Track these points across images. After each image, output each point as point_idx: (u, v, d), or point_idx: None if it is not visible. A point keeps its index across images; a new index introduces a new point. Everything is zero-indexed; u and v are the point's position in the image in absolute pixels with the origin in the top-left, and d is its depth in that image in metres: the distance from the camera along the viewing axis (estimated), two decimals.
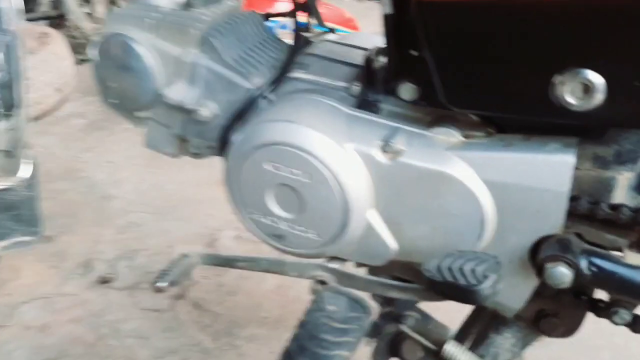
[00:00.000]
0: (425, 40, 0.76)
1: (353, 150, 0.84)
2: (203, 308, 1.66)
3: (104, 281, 1.76)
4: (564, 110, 0.72)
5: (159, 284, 0.91)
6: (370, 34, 1.11)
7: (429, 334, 0.95)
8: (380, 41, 0.99)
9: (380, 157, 0.83)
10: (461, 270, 0.76)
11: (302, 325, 0.78)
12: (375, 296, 1.05)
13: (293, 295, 1.71)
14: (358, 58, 0.99)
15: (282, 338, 1.58)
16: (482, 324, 1.09)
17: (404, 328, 0.94)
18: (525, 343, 1.02)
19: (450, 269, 0.77)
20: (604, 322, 0.86)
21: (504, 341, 1.03)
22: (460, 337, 1.14)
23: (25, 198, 1.23)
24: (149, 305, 1.67)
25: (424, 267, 0.79)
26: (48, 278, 1.78)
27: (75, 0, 3.65)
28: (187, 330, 1.59)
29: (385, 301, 1.01)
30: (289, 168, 0.86)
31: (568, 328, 0.95)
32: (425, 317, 0.95)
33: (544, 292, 0.90)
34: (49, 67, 2.65)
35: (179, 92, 1.00)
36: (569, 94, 0.71)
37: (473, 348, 1.03)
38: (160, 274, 0.96)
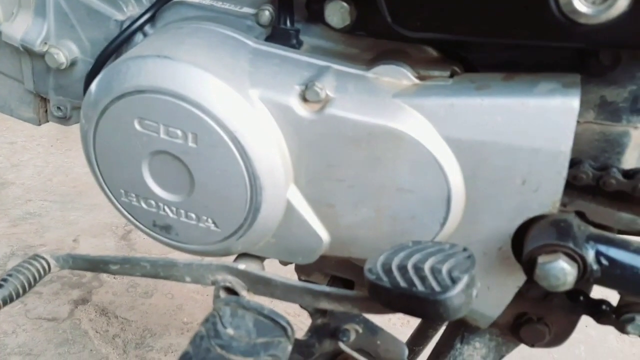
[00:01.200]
0: None
1: (259, 99, 0.57)
2: (110, 314, 1.37)
3: None
4: (567, 25, 0.48)
5: None
6: None
7: (378, 353, 0.70)
8: None
9: (300, 108, 0.57)
10: (417, 270, 0.51)
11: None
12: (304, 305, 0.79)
13: None
14: None
15: None
16: (444, 332, 0.86)
17: (344, 346, 0.68)
18: (499, 354, 0.80)
19: (402, 269, 0.52)
20: None
21: (473, 352, 0.80)
22: (417, 344, 0.90)
23: None
24: (43, 313, 1.37)
25: (366, 266, 0.53)
26: None
27: None
28: (88, 343, 1.29)
29: (317, 311, 0.75)
30: (165, 127, 0.58)
31: (556, 336, 0.73)
32: (372, 329, 0.71)
33: (527, 292, 0.66)
34: None
35: (21, 28, 0.72)
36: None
37: None
38: None
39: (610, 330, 0.67)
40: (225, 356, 0.52)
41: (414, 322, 0.98)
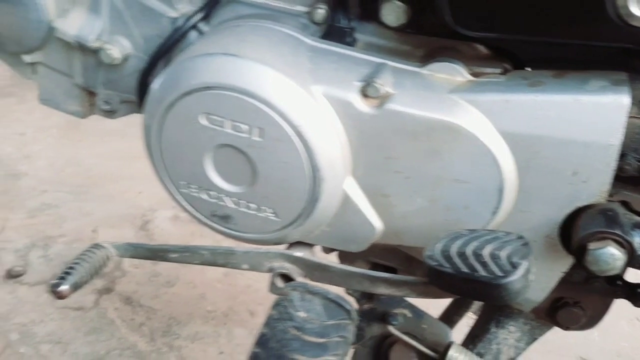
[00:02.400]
0: None
1: (322, 95, 0.60)
2: (135, 303, 1.40)
3: (12, 275, 1.46)
4: (622, 28, 0.51)
5: (59, 288, 0.65)
6: None
7: (424, 336, 0.74)
8: None
9: (361, 104, 0.60)
10: (477, 256, 0.55)
11: (263, 342, 0.55)
12: (353, 289, 0.82)
13: (243, 284, 1.47)
14: None
15: (232, 335, 1.36)
16: (479, 317, 0.90)
17: (393, 330, 0.72)
18: (532, 337, 0.84)
19: (461, 255, 0.55)
20: None
21: (507, 336, 0.84)
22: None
23: None
24: (69, 302, 1.39)
25: (426, 253, 0.56)
26: None
27: None
28: (116, 331, 1.32)
29: (364, 295, 0.78)
30: (231, 122, 0.61)
31: (590, 319, 0.77)
32: (418, 314, 0.74)
33: (567, 277, 0.70)
34: None
35: (76, 25, 0.74)
36: (635, 2, 0.49)
37: (470, 345, 0.83)
38: (62, 273, 0.70)
39: (622, 316, 0.71)
40: (301, 337, 0.55)
41: None
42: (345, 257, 0.85)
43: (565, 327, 0.78)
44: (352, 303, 0.61)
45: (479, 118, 0.59)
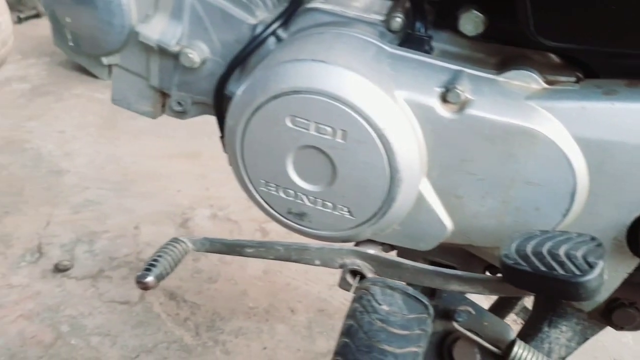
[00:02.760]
0: None
1: (404, 100, 0.63)
2: (179, 298, 1.44)
3: (60, 269, 1.51)
4: None
5: (145, 279, 0.69)
6: None
7: (486, 333, 0.76)
8: None
9: (441, 109, 0.63)
10: (554, 255, 0.58)
11: (351, 332, 0.58)
12: (413, 286, 0.85)
13: (282, 282, 1.50)
14: None
15: (274, 331, 1.40)
16: (532, 315, 0.92)
17: (458, 326, 0.75)
18: (583, 337, 0.86)
19: (538, 255, 0.58)
20: None
21: (560, 335, 0.87)
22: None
23: None
24: (116, 296, 1.44)
25: (502, 252, 0.59)
26: None
27: None
28: (162, 325, 1.36)
29: (425, 293, 0.81)
30: (316, 124, 0.64)
31: None
32: (481, 312, 0.77)
33: (629, 278, 0.73)
34: None
35: (158, 30, 0.77)
36: None
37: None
38: (147, 265, 0.73)
39: None
40: (387, 328, 0.58)
41: None
42: (404, 254, 0.88)
43: (620, 328, 0.80)
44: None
45: (556, 124, 0.61)
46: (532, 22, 0.58)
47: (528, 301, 1.09)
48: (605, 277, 0.57)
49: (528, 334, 0.90)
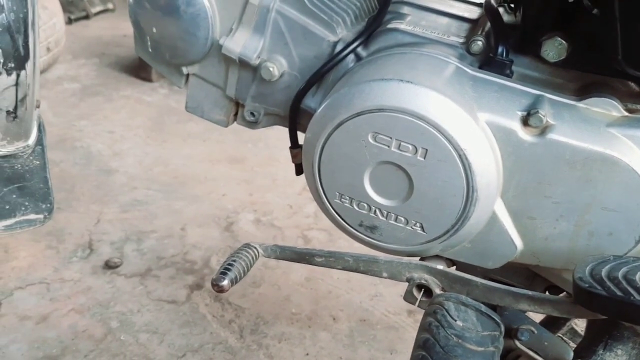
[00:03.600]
0: None
1: (485, 122, 0.65)
2: (224, 300, 1.47)
3: (110, 266, 1.55)
4: None
5: (221, 283, 0.71)
6: None
7: (547, 353, 0.77)
8: None
9: (522, 132, 0.65)
10: (630, 281, 0.59)
11: (428, 345, 0.59)
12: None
13: (324, 289, 1.52)
14: (463, 10, 0.81)
15: (317, 338, 1.42)
16: (586, 338, 0.92)
17: (520, 345, 0.76)
18: None
19: (613, 279, 0.59)
20: None
21: (614, 359, 0.87)
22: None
23: (32, 167, 1.02)
24: (163, 295, 1.48)
25: (576, 275, 0.60)
26: (45, 260, 1.56)
27: None
28: (208, 326, 1.39)
29: None
30: (398, 142, 0.66)
31: None
32: (541, 331, 0.78)
33: None
34: (39, 23, 2.38)
35: (240, 43, 0.80)
36: None
37: None
38: (222, 269, 0.76)
39: None
40: (462, 344, 0.60)
41: None
42: (465, 271, 0.89)
43: None
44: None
45: (636, 152, 0.63)
46: (622, 52, 0.60)
47: (576, 323, 1.09)
48: None
49: (581, 356, 0.90)
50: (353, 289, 1.53)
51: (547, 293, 0.87)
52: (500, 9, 0.76)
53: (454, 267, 0.89)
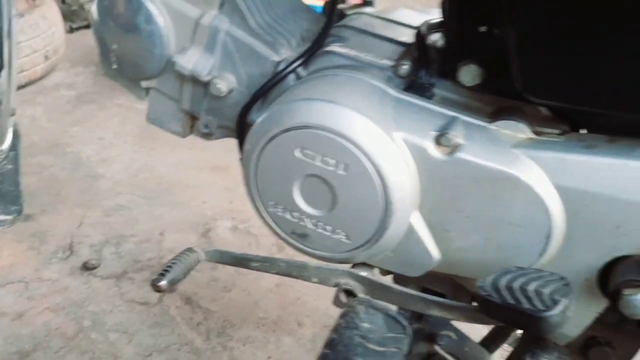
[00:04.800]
0: (506, 12, 0.62)
1: (402, 141, 0.71)
2: (195, 304, 1.53)
3: (88, 268, 1.62)
4: None
5: (159, 283, 0.77)
6: (411, 10, 0.98)
7: (466, 358, 0.82)
8: (428, 17, 0.86)
9: (434, 151, 0.70)
10: (523, 291, 0.64)
11: (332, 344, 0.65)
12: (403, 310, 0.92)
13: (293, 296, 1.58)
14: (401, 35, 0.86)
15: (281, 342, 1.47)
16: (517, 346, 0.97)
17: (440, 349, 0.81)
18: None
19: (509, 289, 0.64)
20: None
21: None
22: None
23: (4, 171, 1.08)
24: (136, 297, 1.53)
25: (478, 284, 0.66)
26: (26, 261, 1.62)
27: None
28: (176, 327, 1.45)
29: (414, 316, 0.88)
30: (322, 156, 0.72)
31: (620, 358, 0.84)
32: (462, 337, 0.83)
33: (601, 318, 0.78)
34: (37, 32, 2.48)
35: (192, 61, 0.87)
36: None
37: None
38: (162, 270, 0.82)
39: None
40: (364, 344, 0.65)
41: None
42: (399, 280, 0.94)
43: None
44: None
45: (537, 172, 0.68)
46: (521, 80, 0.65)
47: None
48: (570, 315, 0.63)
49: None
50: (321, 296, 1.58)
51: (473, 303, 0.92)
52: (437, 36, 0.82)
53: (392, 276, 0.95)
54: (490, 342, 1.08)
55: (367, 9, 1.01)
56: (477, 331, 0.98)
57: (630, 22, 0.58)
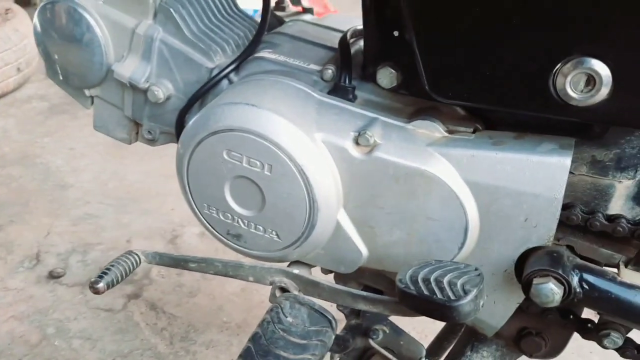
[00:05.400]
0: (408, 17, 0.66)
1: (322, 141, 0.74)
2: (159, 309, 1.54)
3: (54, 276, 1.63)
4: (563, 105, 0.63)
5: (96, 285, 0.79)
6: (349, 16, 1.01)
7: (401, 351, 0.85)
8: (359, 23, 0.89)
9: (353, 150, 0.73)
10: (438, 282, 0.66)
11: (255, 338, 0.67)
12: (342, 307, 0.94)
13: (257, 300, 1.60)
14: (334, 40, 0.89)
15: (243, 345, 1.49)
16: (458, 340, 1.00)
17: (373, 343, 0.84)
18: None
19: (426, 281, 0.67)
20: None
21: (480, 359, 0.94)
22: (433, 353, 1.05)
23: None
24: (101, 304, 1.55)
25: (397, 277, 0.68)
26: None
27: None
28: (140, 333, 1.46)
29: (352, 312, 0.90)
30: (247, 158, 0.75)
31: (552, 348, 0.87)
32: (397, 331, 0.86)
33: (528, 309, 0.81)
34: (9, 45, 2.50)
35: (130, 69, 0.89)
36: (570, 87, 0.62)
37: None
38: (100, 273, 0.84)
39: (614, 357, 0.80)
40: (286, 337, 0.68)
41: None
42: (340, 278, 0.97)
43: (529, 355, 0.88)
44: (341, 317, 0.73)
45: (449, 168, 0.71)
46: (428, 82, 0.69)
47: None
48: (481, 303, 0.66)
49: (454, 358, 0.98)
50: None
51: None
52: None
53: (332, 274, 0.97)
54: (444, 339, 1.11)
55: (306, 16, 1.04)
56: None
57: (504, 27, 0.61)
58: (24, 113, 2.55)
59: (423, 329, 1.41)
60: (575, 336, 0.82)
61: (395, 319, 0.88)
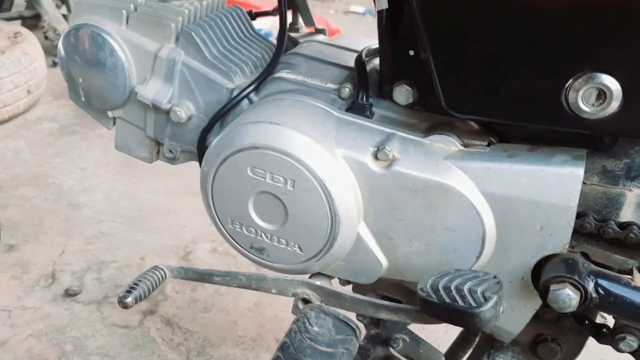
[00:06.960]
0: (425, 38, 0.69)
1: (342, 157, 0.77)
2: (175, 325, 1.56)
3: (69, 294, 1.65)
4: (575, 118, 0.66)
5: (125, 300, 0.82)
6: (360, 36, 1.05)
7: (420, 359, 0.87)
8: (371, 43, 0.93)
9: (373, 165, 0.76)
10: (459, 290, 0.69)
11: (284, 348, 0.70)
12: (362, 317, 0.97)
13: (271, 314, 1.62)
14: (348, 60, 0.93)
15: (259, 359, 1.51)
16: (475, 348, 1.02)
17: (393, 352, 0.86)
18: None
19: (446, 289, 0.70)
20: None
21: None
22: None
23: None
24: (117, 321, 1.57)
25: (419, 286, 0.71)
26: (8, 289, 1.66)
27: (51, 1, 3.54)
28: (157, 349, 1.48)
29: (372, 322, 0.93)
30: (271, 174, 0.78)
31: (567, 354, 0.89)
32: (416, 340, 0.88)
33: (544, 315, 0.83)
34: (19, 68, 2.54)
35: (153, 90, 0.93)
36: (582, 101, 0.65)
37: None
38: (128, 288, 0.86)
39: None
40: (314, 346, 0.70)
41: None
42: (358, 289, 0.99)
43: None
44: (361, 327, 0.75)
45: (466, 180, 0.74)
46: (443, 98, 0.72)
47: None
48: (501, 310, 0.68)
49: None
50: None
51: None
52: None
53: (351, 285, 1.00)
54: (458, 349, 1.13)
55: (319, 37, 1.08)
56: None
57: (519, 46, 0.65)
58: (35, 134, 2.59)
59: (435, 339, 1.42)
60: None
61: (414, 328, 0.91)
